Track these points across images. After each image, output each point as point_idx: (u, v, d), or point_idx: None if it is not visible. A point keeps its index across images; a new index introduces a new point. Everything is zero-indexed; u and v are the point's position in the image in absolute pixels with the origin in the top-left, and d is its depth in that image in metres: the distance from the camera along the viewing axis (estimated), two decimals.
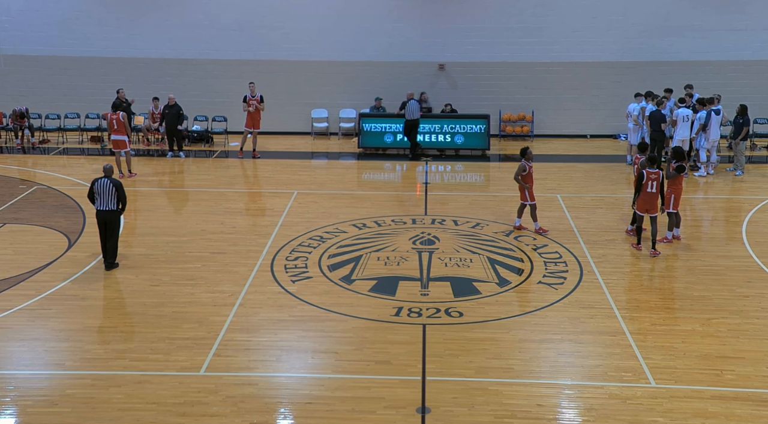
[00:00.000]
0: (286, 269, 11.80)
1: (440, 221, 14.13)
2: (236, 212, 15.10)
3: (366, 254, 12.41)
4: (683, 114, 16.97)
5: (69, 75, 21.28)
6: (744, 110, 17.57)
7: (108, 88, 20.82)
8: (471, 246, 12.79)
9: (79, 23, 21.01)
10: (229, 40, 20.98)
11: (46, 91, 21.26)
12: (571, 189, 16.35)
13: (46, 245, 12.79)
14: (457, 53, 20.95)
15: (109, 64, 21.13)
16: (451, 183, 17.69)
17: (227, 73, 20.83)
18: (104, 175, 11.68)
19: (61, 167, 18.34)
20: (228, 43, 21.00)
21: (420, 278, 11.44)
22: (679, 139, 16.97)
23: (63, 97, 21.18)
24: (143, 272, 11.69)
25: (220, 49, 21.01)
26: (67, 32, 21.06)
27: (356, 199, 15.83)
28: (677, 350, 9.28)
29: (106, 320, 10.26)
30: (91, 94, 21.17)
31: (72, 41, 21.09)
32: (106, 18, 21.00)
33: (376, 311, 10.34)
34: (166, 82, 20.59)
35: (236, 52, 21.00)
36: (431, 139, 19.77)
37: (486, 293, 10.94)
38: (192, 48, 20.97)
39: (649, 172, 12.26)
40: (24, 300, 10.63)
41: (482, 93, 21.04)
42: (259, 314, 10.26)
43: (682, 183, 12.99)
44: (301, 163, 18.90)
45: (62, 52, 21.13)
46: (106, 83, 21.04)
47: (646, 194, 12.29)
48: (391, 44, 20.92)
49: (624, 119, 18.97)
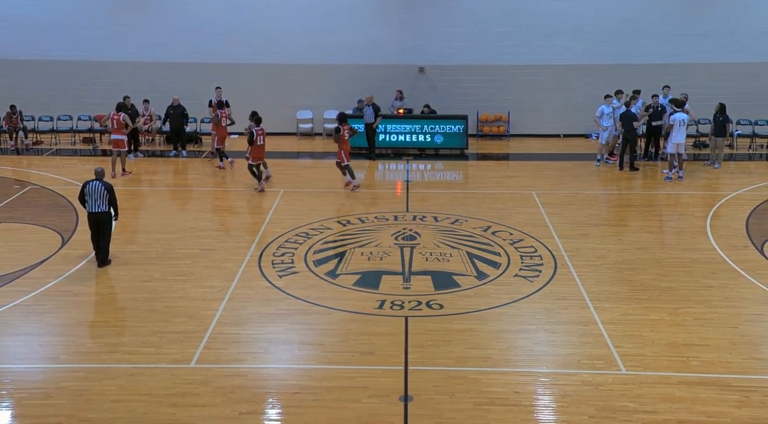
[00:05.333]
0: (273, 265, 11.78)
1: (421, 218, 14.17)
2: (225, 210, 15.06)
3: (350, 249, 12.42)
4: (679, 118, 16.57)
5: (61, 78, 21.09)
6: (723, 108, 17.72)
7: (99, 91, 20.71)
8: (451, 241, 12.82)
9: (70, 27, 20.83)
10: (217, 43, 20.89)
11: (38, 94, 21.04)
12: (545, 186, 16.42)
13: (40, 243, 12.69)
14: (437, 56, 21.00)
15: (99, 67, 20.98)
16: (431, 181, 17.73)
17: (215, 76, 20.69)
18: (95, 177, 11.58)
19: (54, 168, 18.16)
20: (215, 47, 20.90)
21: (402, 272, 11.47)
22: (675, 143, 16.54)
23: (55, 100, 20.98)
24: (135, 268, 11.63)
25: (208, 53, 20.91)
26: (59, 36, 20.88)
27: (340, 197, 15.82)
28: (646, 339, 9.37)
29: (98, 315, 10.20)
30: (83, 97, 21.00)
31: (63, 45, 20.90)
32: (97, 22, 20.84)
33: (360, 304, 10.36)
34: (155, 85, 20.45)
35: (223, 56, 20.91)
36: (412, 139, 19.80)
37: (465, 286, 10.98)
38: (180, 51, 20.86)
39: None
40: (19, 296, 10.54)
41: (460, 94, 21.10)
42: (247, 308, 10.25)
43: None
44: (288, 163, 18.86)
45: (54, 55, 20.92)
46: (97, 86, 20.92)
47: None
48: (373, 48, 20.92)
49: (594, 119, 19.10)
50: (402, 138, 19.80)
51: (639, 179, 17.23)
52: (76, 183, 15.38)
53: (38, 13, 20.86)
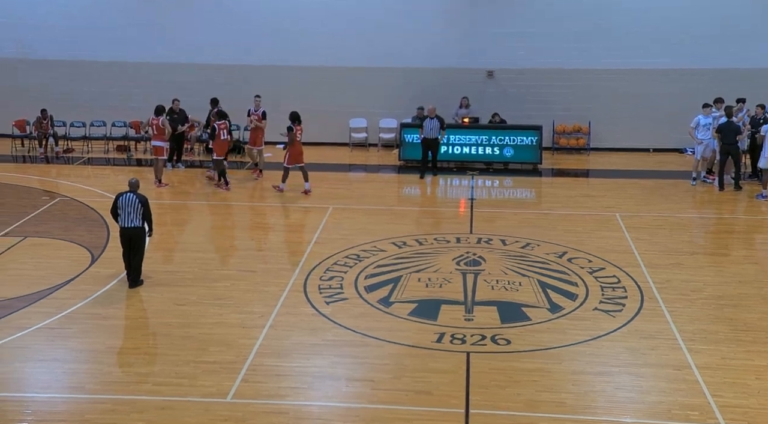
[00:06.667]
0: (320, 290, 11.86)
1: (487, 241, 14.10)
2: (268, 228, 15.23)
3: (406, 274, 12.44)
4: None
5: (94, 80, 21.72)
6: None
7: (135, 95, 21.25)
8: (520, 268, 12.73)
9: (105, 26, 21.46)
10: (262, 44, 21.25)
11: (70, 98, 21.71)
12: (631, 207, 16.17)
13: (67, 261, 13.06)
14: (507, 59, 20.93)
15: (136, 68, 21.55)
16: (499, 199, 17.64)
17: (260, 79, 21.04)
18: (129, 189, 11.87)
19: (85, 178, 18.73)
20: (261, 48, 21.26)
21: (464, 302, 11.43)
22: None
23: (88, 104, 21.61)
24: (169, 290, 11.85)
25: (253, 54, 21.28)
26: (93, 36, 21.52)
27: (396, 215, 15.86)
28: (750, 388, 9.07)
29: (128, 341, 10.41)
30: (119, 101, 21.56)
31: (98, 45, 21.54)
32: (135, 20, 21.43)
33: (416, 337, 10.33)
34: (194, 88, 20.84)
35: (269, 58, 21.25)
36: (478, 151, 19.76)
37: (536, 320, 10.87)
38: (223, 53, 21.28)
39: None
40: (43, 318, 10.84)
41: (534, 102, 20.96)
42: (290, 338, 10.32)
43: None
44: (338, 176, 19.01)
45: (87, 56, 21.58)
46: (134, 89, 21.47)
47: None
48: (435, 49, 20.98)
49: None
50: (467, 150, 19.76)
51: (742, 201, 16.79)
52: (109, 195, 15.81)
53: (72, 12, 21.59)
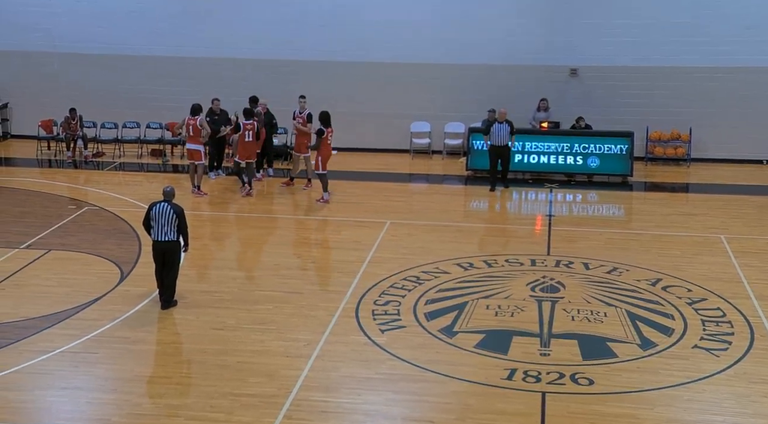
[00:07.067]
0: (374, 316, 11.85)
1: (566, 264, 13.96)
2: (316, 244, 15.29)
3: (473, 300, 12.38)
4: None
5: (129, 77, 22.14)
6: None
7: (173, 93, 21.58)
8: (605, 296, 12.59)
9: (144, 18, 21.91)
10: (314, 38, 21.40)
11: (102, 95, 22.13)
12: (740, 229, 15.88)
13: (95, 277, 13.30)
14: (594, 55, 20.73)
15: (175, 64, 21.91)
16: (581, 216, 17.46)
17: (311, 76, 21.22)
18: (163, 198, 12.04)
19: (116, 185, 19.12)
20: (312, 42, 21.41)
21: (539, 334, 11.33)
22: None
23: (122, 103, 22.05)
24: (204, 313, 11.96)
25: (303, 49, 21.45)
26: (129, 28, 21.97)
27: (462, 232, 15.80)
28: None
29: (159, 369, 10.54)
30: (155, 100, 21.96)
31: (135, 38, 21.95)
32: (174, 12, 21.83)
33: (484, 373, 10.25)
34: (237, 86, 21.05)
35: (322, 52, 21.39)
36: (558, 161, 19.61)
37: (624, 357, 10.71)
38: (270, 46, 21.48)
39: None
40: (67, 341, 11.04)
41: (625, 105, 20.73)
42: (339, 370, 10.32)
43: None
44: (396, 187, 19.02)
45: (123, 50, 21.99)
46: (171, 87, 21.83)
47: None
48: (510, 44, 20.88)
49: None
50: (545, 160, 19.61)
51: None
52: (141, 205, 16.10)
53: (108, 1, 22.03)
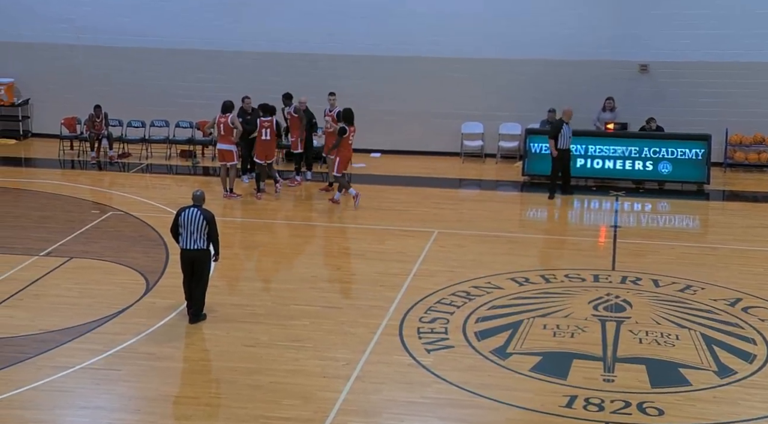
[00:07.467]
0: (420, 334, 11.83)
1: (634, 280, 13.85)
2: (357, 255, 15.31)
3: (528, 319, 12.35)
4: None
5: (157, 72, 22.40)
6: None
7: (204, 89, 21.77)
8: (678, 317, 12.48)
9: (173, 8, 22.14)
10: (356, 30, 21.45)
11: (129, 92, 22.41)
12: None
13: (118, 288, 13.45)
14: (666, 50, 20.59)
15: (207, 58, 22.11)
16: (650, 228, 17.33)
17: (351, 71, 21.30)
18: (193, 203, 12.13)
19: (142, 188, 19.34)
20: (354, 35, 21.46)
21: (603, 357, 11.26)
22: None
23: (149, 100, 22.29)
24: (236, 328, 12.03)
25: (344, 42, 21.51)
26: (159, 19, 22.22)
27: (517, 244, 15.74)
28: None
29: (186, 389, 10.61)
30: (184, 97, 22.16)
31: (164, 30, 22.18)
32: (206, 1, 22.01)
33: (540, 399, 10.19)
34: (272, 81, 21.13)
35: (364, 46, 21.43)
36: (625, 166, 19.52)
37: (698, 385, 10.59)
38: (308, 40, 21.56)
39: None
40: (88, 357, 11.16)
41: (701, 105, 20.56)
42: (381, 392, 10.32)
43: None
44: (445, 194, 19.02)
45: (152, 42, 22.25)
46: (202, 83, 22.03)
47: None
48: (572, 37, 20.78)
49: None
50: (610, 165, 19.53)
51: None
52: (169, 210, 16.24)
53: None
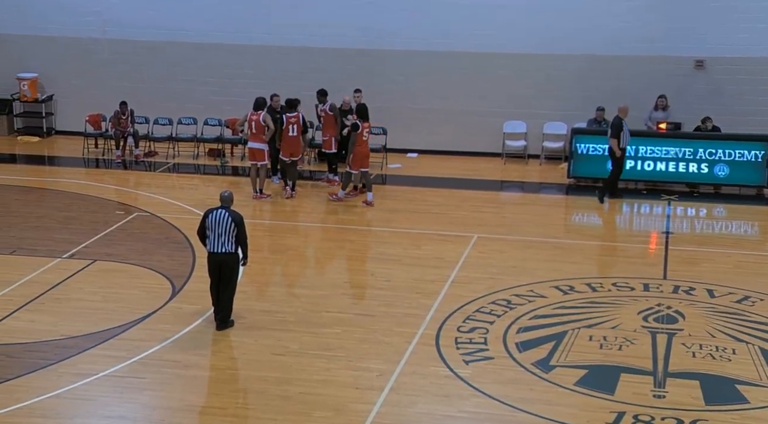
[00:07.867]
0: (458, 344, 11.80)
1: (687, 290, 13.76)
2: (392, 260, 15.28)
3: (573, 330, 12.31)
4: None
5: (186, 67, 22.52)
6: None
7: (234, 86, 21.86)
8: (734, 330, 12.38)
9: (202, 1, 22.23)
10: (393, 24, 21.41)
11: (156, 88, 22.57)
12: None
13: (143, 292, 13.53)
14: (724, 45, 20.39)
15: (237, 53, 22.17)
16: (705, 235, 17.22)
17: (388, 66, 21.26)
18: (221, 205, 12.16)
19: (169, 189, 19.48)
20: (391, 28, 21.42)
21: (653, 372, 11.17)
22: None
23: (177, 97, 22.43)
24: (265, 335, 12.05)
25: (380, 36, 21.46)
26: (187, 12, 22.33)
27: (562, 250, 15.68)
28: None
29: (212, 398, 10.63)
30: (213, 94, 22.27)
31: (193, 24, 22.28)
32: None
33: (586, 416, 10.13)
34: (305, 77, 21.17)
35: (402, 40, 21.40)
36: (678, 168, 19.40)
37: (756, 403, 10.48)
38: (343, 33, 21.55)
39: None
40: (111, 364, 11.23)
41: (761, 103, 20.38)
42: (416, 405, 10.29)
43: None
44: (486, 196, 18.96)
45: (180, 37, 22.37)
46: (232, 79, 22.12)
47: None
48: (621, 31, 20.64)
49: None
50: (662, 167, 19.41)
51: None
52: (197, 211, 16.32)
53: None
